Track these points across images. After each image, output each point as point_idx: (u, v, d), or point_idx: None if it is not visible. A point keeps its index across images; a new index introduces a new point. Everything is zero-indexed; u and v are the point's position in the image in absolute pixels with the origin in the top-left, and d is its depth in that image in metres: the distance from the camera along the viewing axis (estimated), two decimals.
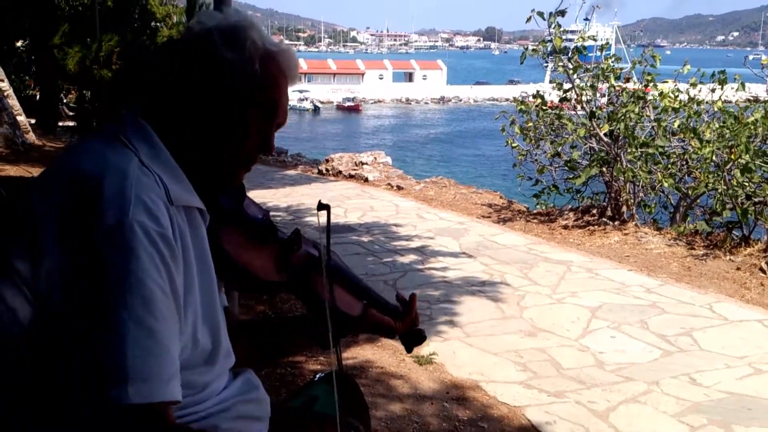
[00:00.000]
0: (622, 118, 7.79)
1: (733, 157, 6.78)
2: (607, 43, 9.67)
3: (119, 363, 1.02)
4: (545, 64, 9.32)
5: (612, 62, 8.40)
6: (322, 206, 1.47)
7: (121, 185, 1.10)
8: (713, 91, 8.26)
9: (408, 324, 1.62)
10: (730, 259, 6.48)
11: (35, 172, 9.10)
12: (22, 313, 1.09)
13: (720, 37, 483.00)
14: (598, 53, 8.74)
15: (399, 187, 10.61)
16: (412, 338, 1.65)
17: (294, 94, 60.12)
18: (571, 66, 8.36)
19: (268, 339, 1.58)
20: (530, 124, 9.06)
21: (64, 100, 17.47)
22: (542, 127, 9.04)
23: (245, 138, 1.28)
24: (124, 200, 1.08)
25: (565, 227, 8.02)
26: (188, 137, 1.26)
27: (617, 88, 8.31)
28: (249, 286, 1.48)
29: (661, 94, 8.13)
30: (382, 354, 4.35)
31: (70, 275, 1.06)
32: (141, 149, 1.19)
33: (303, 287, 1.49)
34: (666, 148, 7.94)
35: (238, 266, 1.38)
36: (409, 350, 1.69)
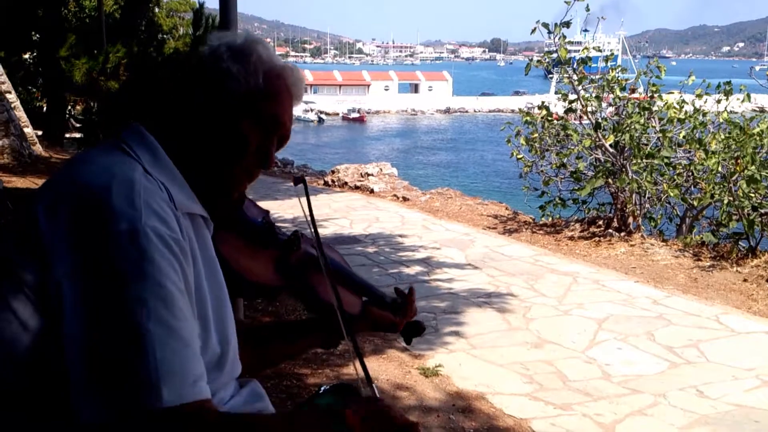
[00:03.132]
0: (628, 128, 7.79)
1: (738, 168, 6.78)
2: (613, 54, 9.69)
3: (149, 366, 1.02)
4: (550, 76, 9.35)
5: (617, 73, 8.41)
6: (298, 180, 1.51)
7: (130, 193, 1.11)
8: (719, 102, 8.26)
9: (409, 317, 1.65)
10: (737, 271, 6.45)
11: (42, 183, 9.14)
12: (29, 323, 1.09)
13: (725, 48, 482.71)
14: (604, 64, 8.74)
15: (405, 198, 10.62)
16: (411, 330, 1.69)
17: (299, 105, 60.24)
18: (576, 77, 8.38)
19: (272, 344, 1.59)
20: (535, 135, 9.07)
21: (72, 112, 17.56)
22: (547, 138, 9.05)
23: (244, 150, 1.29)
24: (134, 207, 1.09)
25: (571, 238, 8.01)
26: (190, 147, 1.27)
27: (622, 98, 8.32)
28: (247, 291, 1.48)
29: (666, 104, 8.14)
30: (387, 365, 4.34)
31: (83, 285, 1.06)
32: (143, 157, 1.20)
33: (303, 287, 1.50)
34: (671, 159, 7.93)
35: (236, 271, 1.38)
36: (408, 342, 1.73)
